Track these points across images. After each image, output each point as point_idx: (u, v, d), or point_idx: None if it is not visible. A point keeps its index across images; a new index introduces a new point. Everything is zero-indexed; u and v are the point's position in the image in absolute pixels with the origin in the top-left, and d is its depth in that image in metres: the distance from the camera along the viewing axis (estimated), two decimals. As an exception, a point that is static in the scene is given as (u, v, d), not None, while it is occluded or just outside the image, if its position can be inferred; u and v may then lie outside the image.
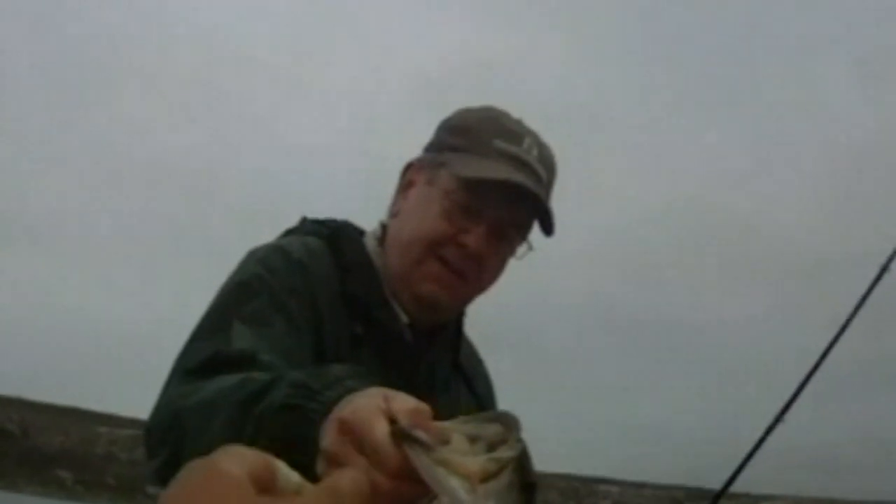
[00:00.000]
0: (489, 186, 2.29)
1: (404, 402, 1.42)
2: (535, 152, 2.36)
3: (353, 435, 1.40)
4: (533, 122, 2.41)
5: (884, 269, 4.14)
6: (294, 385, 1.62)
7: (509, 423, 1.41)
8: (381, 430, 1.36)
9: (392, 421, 1.38)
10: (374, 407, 1.41)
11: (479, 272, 2.36)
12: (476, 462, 1.34)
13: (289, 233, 2.47)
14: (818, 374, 3.77)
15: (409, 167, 2.47)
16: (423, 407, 1.41)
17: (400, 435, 1.35)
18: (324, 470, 1.44)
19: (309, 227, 2.46)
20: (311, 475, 1.47)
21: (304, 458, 1.45)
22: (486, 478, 1.33)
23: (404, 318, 2.37)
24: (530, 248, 2.42)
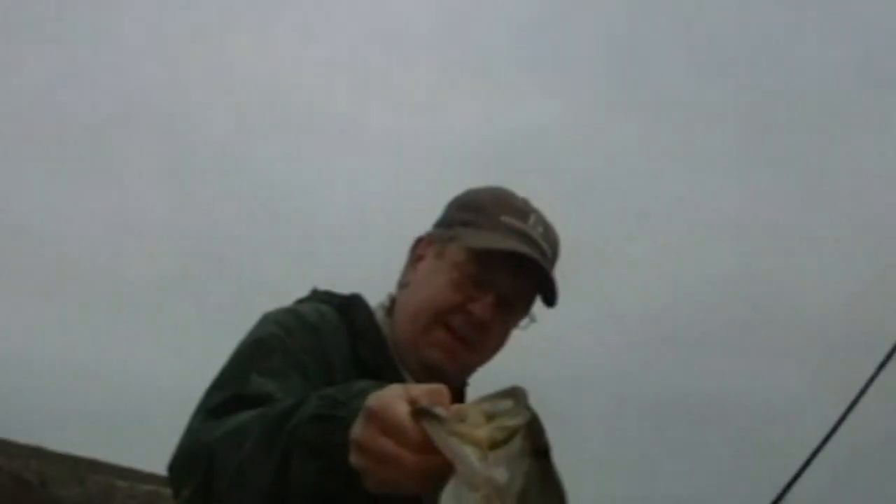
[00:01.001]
0: (497, 258, 2.42)
1: (423, 387, 1.60)
2: (540, 229, 2.51)
3: (378, 420, 1.56)
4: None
5: (894, 348, 4.15)
6: (323, 398, 1.74)
7: (517, 395, 1.57)
8: (402, 410, 1.54)
9: (412, 403, 1.55)
10: (395, 394, 1.58)
11: (484, 341, 2.47)
12: (484, 430, 1.50)
13: (300, 302, 2.57)
14: (832, 454, 3.82)
15: (419, 242, 2.61)
16: (441, 388, 1.59)
17: (418, 412, 1.52)
18: (356, 460, 1.60)
19: (321, 296, 2.58)
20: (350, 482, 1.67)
21: (338, 465, 1.63)
22: (495, 445, 1.49)
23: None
24: (533, 319, 2.56)
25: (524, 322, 2.57)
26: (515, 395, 1.57)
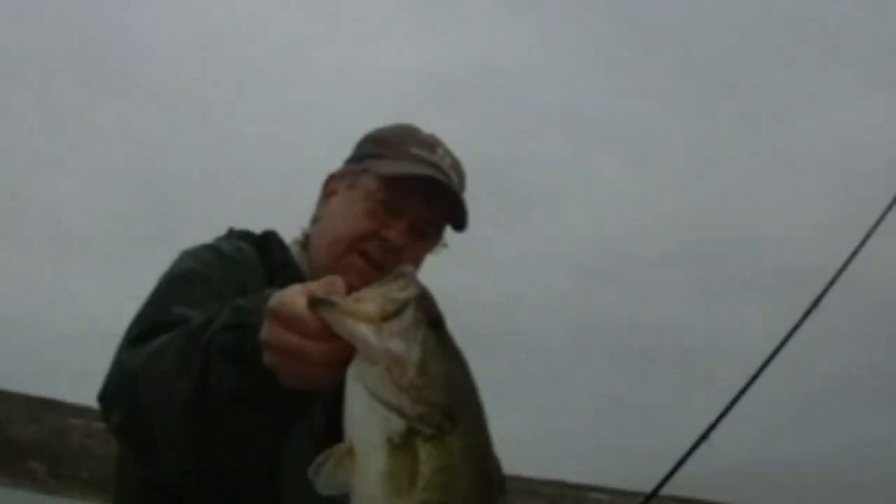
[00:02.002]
0: (409, 185, 2.57)
1: (319, 281, 1.74)
2: (448, 160, 2.67)
3: (279, 316, 1.71)
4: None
5: (831, 282, 4.24)
6: (233, 308, 1.88)
7: (406, 273, 1.73)
8: (299, 303, 1.68)
9: (309, 295, 1.69)
10: (293, 290, 1.73)
11: (396, 265, 2.56)
12: (374, 304, 1.65)
13: (218, 240, 2.65)
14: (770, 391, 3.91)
15: (331, 178, 2.75)
16: (336, 278, 1.74)
17: (314, 302, 1.66)
18: (268, 360, 1.73)
19: (238, 234, 2.69)
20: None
21: (254, 369, 1.76)
22: (387, 317, 1.63)
23: None
24: (445, 245, 2.72)
25: (437, 248, 2.71)
26: (404, 273, 1.73)
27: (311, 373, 1.70)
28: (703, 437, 3.58)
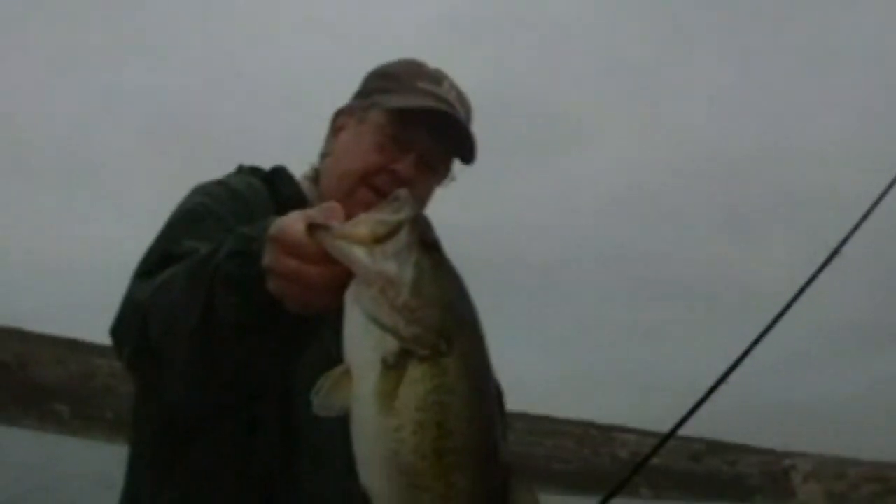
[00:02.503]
0: (417, 118, 2.60)
1: (318, 207, 1.79)
2: (454, 94, 2.70)
3: (280, 242, 1.75)
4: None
5: (864, 216, 4.21)
6: (237, 236, 1.91)
7: (400, 198, 1.75)
8: (298, 228, 1.72)
9: (308, 221, 1.73)
10: (292, 217, 1.76)
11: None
12: (366, 227, 1.69)
13: (228, 176, 2.71)
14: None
15: (339, 113, 2.78)
16: (334, 204, 1.77)
17: (311, 227, 1.70)
18: (271, 286, 1.77)
19: (247, 170, 2.74)
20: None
21: (259, 296, 1.80)
22: (378, 239, 1.67)
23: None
24: (454, 178, 2.76)
25: (446, 181, 2.76)
26: (399, 197, 1.76)
27: (313, 297, 1.74)
28: (722, 379, 3.60)
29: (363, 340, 1.66)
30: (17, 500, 28.64)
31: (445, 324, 1.67)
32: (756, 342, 3.77)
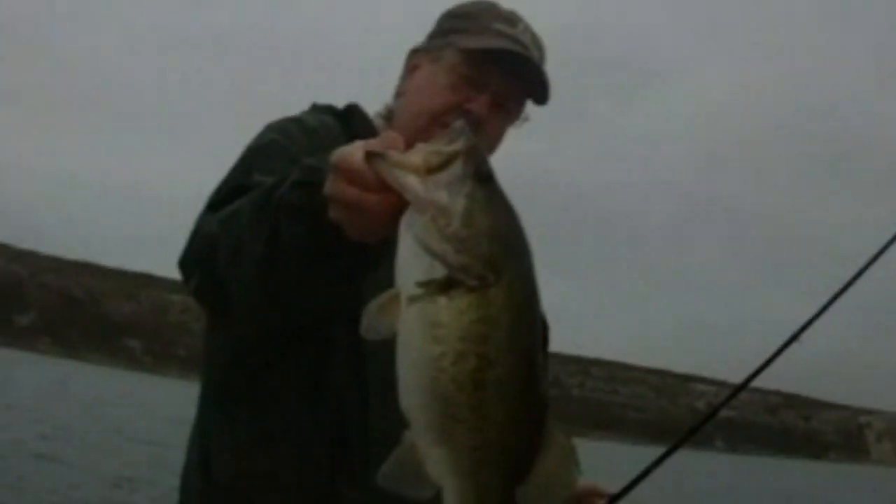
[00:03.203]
0: (491, 59, 2.63)
1: (379, 136, 1.84)
2: (528, 35, 2.71)
3: (340, 171, 1.79)
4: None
5: None
6: (303, 167, 1.99)
7: (458, 128, 1.78)
8: (357, 157, 1.76)
9: (367, 150, 1.76)
10: (354, 146, 1.80)
11: (481, 139, 2.62)
12: (419, 156, 1.73)
13: (302, 114, 2.75)
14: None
15: (413, 52, 2.81)
16: (394, 133, 1.82)
17: (369, 155, 1.74)
18: (333, 214, 1.83)
19: (321, 108, 2.78)
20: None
21: (321, 224, 1.86)
22: (431, 169, 1.71)
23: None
24: (527, 119, 2.77)
25: (519, 122, 2.77)
26: (456, 128, 1.79)
27: (372, 224, 1.79)
28: (794, 337, 3.58)
29: (413, 267, 1.69)
30: (88, 436, 28.99)
31: (494, 255, 1.69)
32: (835, 297, 3.74)
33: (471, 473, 1.71)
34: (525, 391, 1.71)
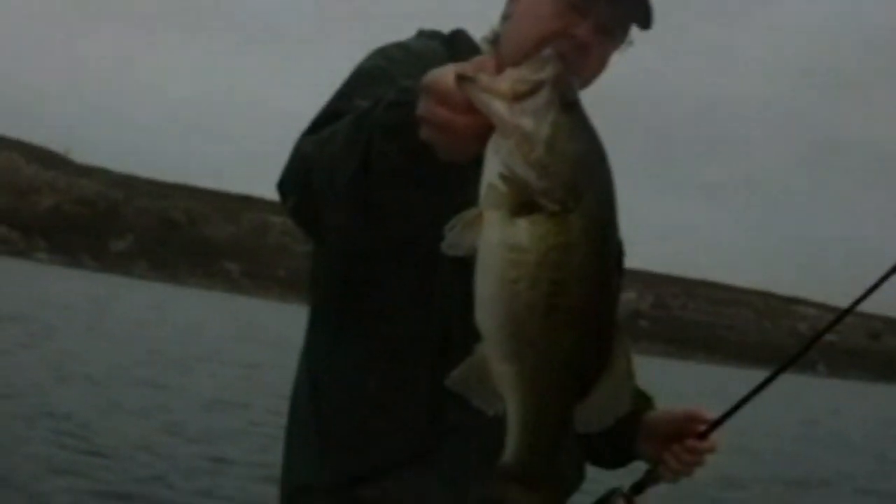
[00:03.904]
0: None
1: (471, 60, 1.88)
2: None
3: (431, 92, 1.86)
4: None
5: None
6: (398, 89, 2.06)
7: (547, 56, 1.83)
8: (448, 79, 1.83)
9: (459, 72, 1.83)
10: (445, 69, 1.87)
11: (585, 64, 2.65)
12: (507, 83, 1.79)
13: (408, 40, 2.81)
14: None
15: None
16: (486, 57, 1.88)
17: (459, 78, 1.80)
18: (424, 134, 1.90)
19: (427, 34, 2.85)
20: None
21: (413, 143, 1.94)
22: (518, 96, 1.76)
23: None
24: (631, 43, 2.77)
25: (623, 47, 2.77)
26: (544, 56, 1.83)
27: (460, 145, 1.85)
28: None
29: (497, 189, 1.75)
30: (185, 360, 29.40)
31: (575, 181, 1.74)
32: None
33: (534, 392, 1.80)
34: (595, 319, 1.79)
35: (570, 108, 1.78)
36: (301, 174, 2.28)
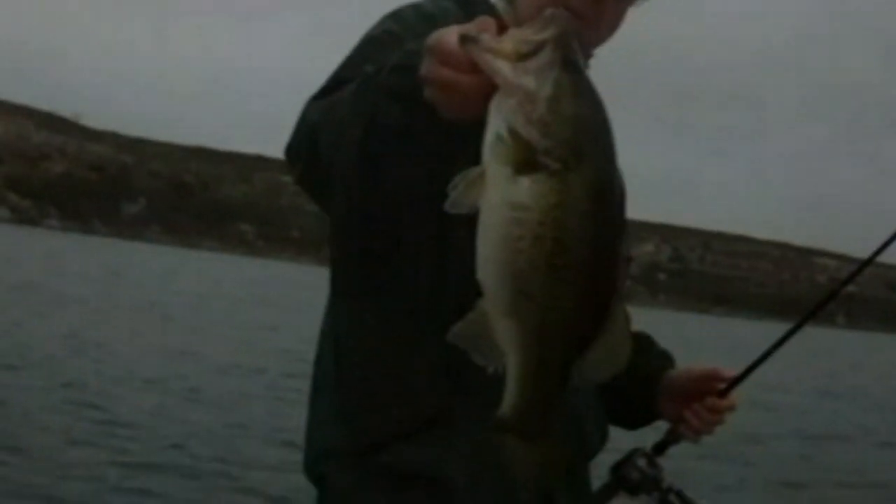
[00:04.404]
0: None
1: (473, 21, 1.90)
2: None
3: (435, 52, 1.90)
4: None
5: None
6: (403, 52, 2.10)
7: (549, 17, 1.87)
8: (451, 40, 1.86)
9: (462, 33, 1.87)
10: (448, 29, 1.90)
11: (601, 16, 2.64)
12: (509, 43, 1.83)
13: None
14: None
15: None
16: (487, 18, 1.89)
17: (463, 38, 1.84)
18: (428, 94, 1.94)
19: None
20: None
21: (418, 104, 1.97)
22: (521, 56, 1.80)
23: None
24: None
25: (638, 1, 2.75)
26: (548, 16, 1.87)
27: (463, 104, 1.88)
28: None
29: (500, 147, 1.79)
30: (201, 325, 29.47)
31: (576, 140, 1.78)
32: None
33: (534, 347, 1.85)
34: (595, 276, 1.83)
35: (572, 69, 1.82)
36: (308, 140, 2.32)
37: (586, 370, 1.88)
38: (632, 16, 2.74)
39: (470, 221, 1.88)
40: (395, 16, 2.63)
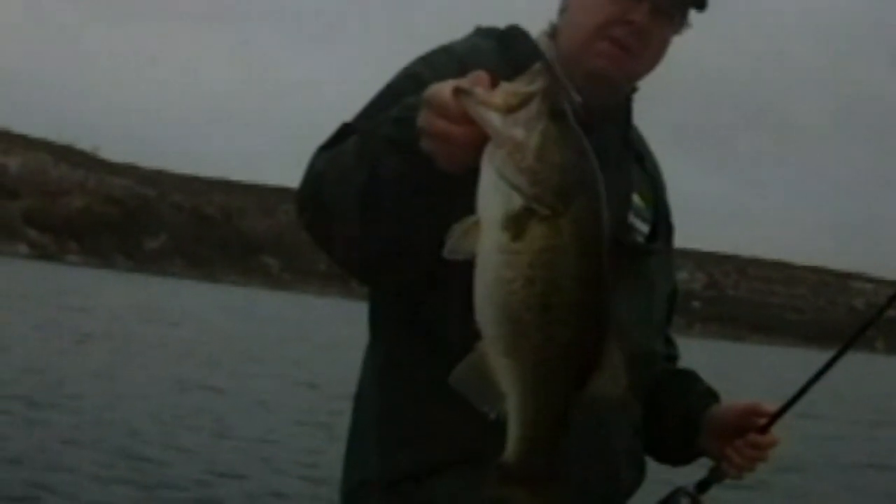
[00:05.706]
0: None
1: (468, 76, 2.06)
2: None
3: (431, 105, 2.08)
4: None
5: None
6: (404, 105, 2.28)
7: (537, 70, 2.03)
8: (446, 93, 2.04)
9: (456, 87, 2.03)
10: (445, 83, 2.07)
11: (644, 48, 2.76)
12: (499, 96, 1.99)
13: (456, 41, 2.87)
14: None
15: None
16: (481, 73, 2.05)
17: (456, 91, 2.01)
18: (424, 145, 2.12)
19: (482, 31, 2.93)
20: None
21: (416, 156, 2.15)
22: (511, 109, 1.97)
23: (577, 98, 2.72)
24: (689, 25, 2.85)
25: (682, 29, 2.85)
26: (535, 70, 2.03)
27: (458, 154, 2.06)
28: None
29: (492, 196, 1.95)
30: (224, 359, 29.43)
31: (564, 187, 1.94)
32: None
33: (532, 384, 1.99)
34: (587, 315, 1.99)
35: (559, 119, 1.98)
36: (314, 190, 2.45)
37: (584, 405, 2.03)
38: (675, 45, 2.85)
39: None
40: (426, 59, 2.74)
